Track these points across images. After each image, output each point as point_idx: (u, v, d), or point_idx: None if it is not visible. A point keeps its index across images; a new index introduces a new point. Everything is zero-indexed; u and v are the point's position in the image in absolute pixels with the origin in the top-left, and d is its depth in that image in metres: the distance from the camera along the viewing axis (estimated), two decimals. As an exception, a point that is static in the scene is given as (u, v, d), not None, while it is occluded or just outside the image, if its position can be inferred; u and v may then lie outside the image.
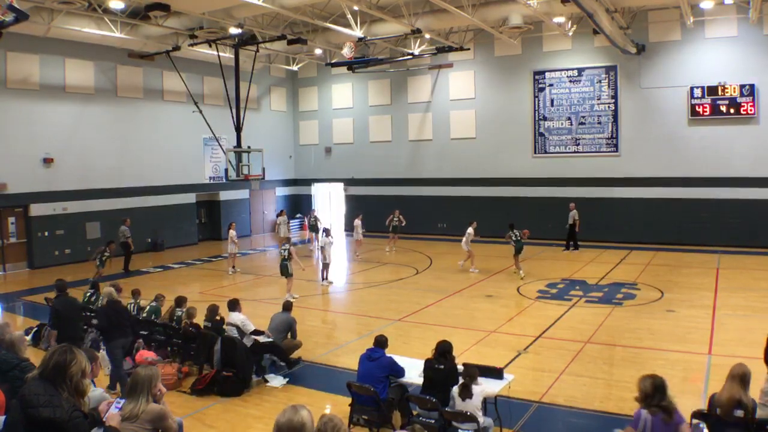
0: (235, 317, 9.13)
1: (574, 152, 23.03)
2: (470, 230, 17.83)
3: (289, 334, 9.49)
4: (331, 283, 16.48)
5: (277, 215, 23.02)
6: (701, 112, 20.55)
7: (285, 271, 14.45)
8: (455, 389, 6.29)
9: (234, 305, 9.33)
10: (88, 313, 10.80)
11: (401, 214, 22.22)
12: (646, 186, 21.74)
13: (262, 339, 9.13)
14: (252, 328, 9.13)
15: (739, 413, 4.91)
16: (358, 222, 21.19)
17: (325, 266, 16.53)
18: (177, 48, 20.64)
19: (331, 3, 17.91)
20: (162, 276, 18.18)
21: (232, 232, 18.49)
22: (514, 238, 16.77)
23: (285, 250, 14.60)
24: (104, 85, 21.70)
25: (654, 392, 4.89)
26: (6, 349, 5.53)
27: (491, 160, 24.53)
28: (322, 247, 16.67)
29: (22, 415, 3.75)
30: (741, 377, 5.08)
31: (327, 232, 17.14)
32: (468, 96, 25.16)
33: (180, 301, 10.41)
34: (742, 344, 9.56)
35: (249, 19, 18.86)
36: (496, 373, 7.01)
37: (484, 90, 24.86)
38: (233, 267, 18.42)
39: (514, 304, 13.37)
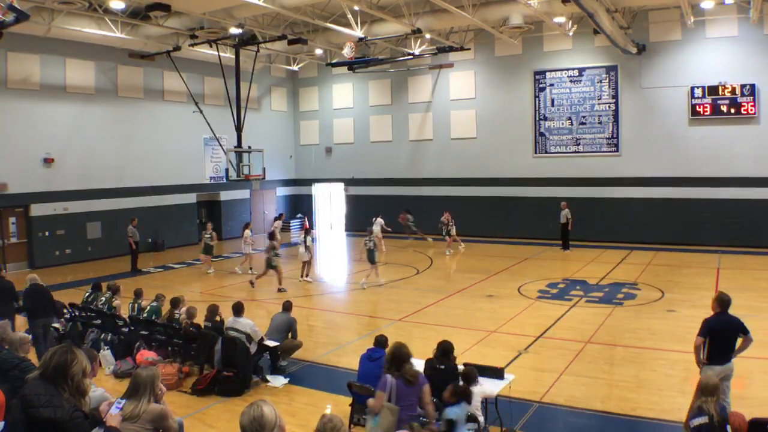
0: (245, 323, 8.92)
1: (575, 152, 23.02)
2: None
3: (289, 334, 9.47)
4: (309, 281, 16.50)
5: (275, 219, 22.97)
6: (702, 112, 20.54)
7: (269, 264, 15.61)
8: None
9: (240, 310, 9.11)
10: (89, 313, 10.84)
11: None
12: (646, 186, 21.73)
13: (272, 344, 9.08)
14: (260, 335, 9.07)
15: (699, 421, 5.05)
16: (381, 220, 21.59)
17: (305, 264, 16.67)
18: (177, 48, 20.64)
19: (332, 3, 17.91)
20: (163, 276, 18.18)
21: (248, 232, 18.45)
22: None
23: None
24: (105, 85, 21.70)
25: (392, 360, 5.48)
26: (7, 349, 5.53)
27: (492, 160, 24.53)
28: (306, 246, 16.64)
29: (23, 415, 3.75)
30: (702, 391, 5.21)
31: (308, 232, 17.10)
32: (468, 96, 25.16)
33: (176, 302, 10.37)
34: (742, 344, 9.54)
35: (249, 19, 18.86)
36: (496, 373, 7.01)
37: (484, 90, 24.85)
38: (250, 268, 18.10)
39: (515, 304, 13.35)
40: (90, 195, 21.13)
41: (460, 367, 6.76)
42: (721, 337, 6.50)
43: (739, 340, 6.53)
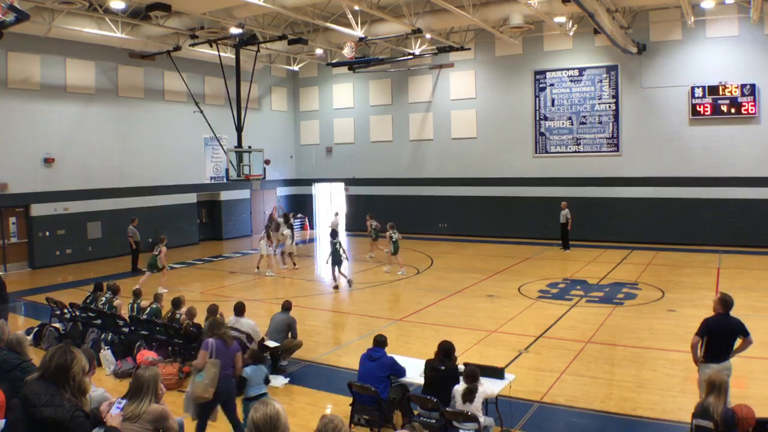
0: (246, 324, 8.90)
1: (575, 152, 23.01)
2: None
3: (289, 334, 9.47)
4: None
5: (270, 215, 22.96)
6: (702, 112, 20.53)
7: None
8: (459, 389, 6.28)
9: (242, 310, 9.09)
10: (90, 314, 10.87)
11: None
12: (647, 186, 21.73)
13: (272, 344, 9.07)
14: (261, 336, 9.04)
15: (703, 423, 5.05)
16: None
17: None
18: (178, 48, 20.64)
19: (332, 3, 17.90)
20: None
21: (277, 233, 19.19)
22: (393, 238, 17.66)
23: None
24: (105, 85, 21.71)
25: (210, 328, 6.66)
26: (9, 348, 5.53)
27: (492, 159, 24.53)
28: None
29: (24, 415, 3.75)
30: (711, 387, 5.22)
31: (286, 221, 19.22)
32: (469, 96, 25.15)
33: (177, 303, 10.37)
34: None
35: (250, 19, 18.86)
36: (497, 373, 7.01)
37: (484, 90, 24.85)
38: (258, 267, 18.37)
39: (515, 304, 13.36)
40: (90, 195, 21.14)
41: (461, 367, 6.76)
42: (719, 337, 6.51)
43: (739, 341, 6.53)
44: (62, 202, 20.29)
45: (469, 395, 6.13)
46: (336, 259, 15.94)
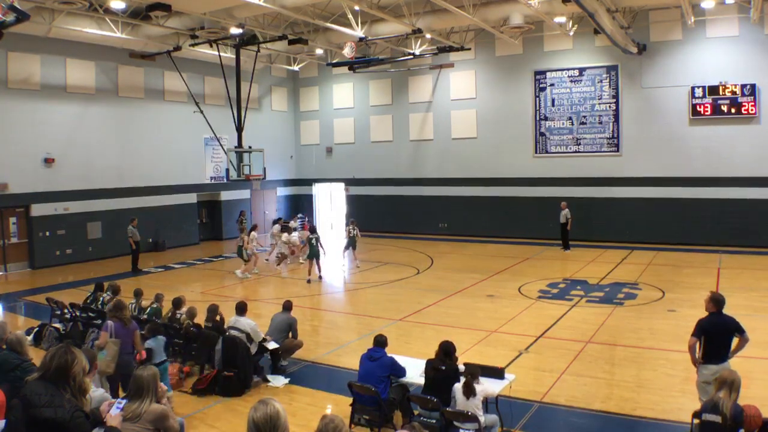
0: (245, 323, 8.90)
1: (575, 152, 23.01)
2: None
3: (290, 334, 9.47)
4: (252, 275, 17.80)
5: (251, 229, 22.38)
6: (702, 112, 20.53)
7: None
8: (459, 387, 6.28)
9: (243, 310, 9.10)
10: (90, 314, 10.87)
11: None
12: (647, 186, 21.72)
13: (270, 346, 9.07)
14: (262, 336, 9.02)
15: (711, 417, 5.04)
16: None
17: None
18: (178, 48, 20.63)
19: (332, 3, 17.90)
20: (163, 276, 18.19)
21: (287, 236, 19.60)
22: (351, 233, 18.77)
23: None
24: (105, 85, 21.71)
25: (113, 309, 7.41)
26: (9, 348, 5.53)
27: (492, 159, 24.53)
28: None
29: (24, 415, 3.76)
30: (723, 383, 5.22)
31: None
32: (469, 96, 25.15)
33: (178, 303, 10.36)
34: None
35: (250, 19, 18.86)
36: (497, 373, 7.01)
37: (485, 90, 24.84)
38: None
39: (515, 304, 13.35)
40: (90, 195, 21.14)
41: (461, 367, 6.76)
42: (716, 337, 6.51)
43: (736, 340, 6.53)
44: (62, 202, 20.29)
45: (467, 390, 6.13)
46: (312, 253, 16.63)
